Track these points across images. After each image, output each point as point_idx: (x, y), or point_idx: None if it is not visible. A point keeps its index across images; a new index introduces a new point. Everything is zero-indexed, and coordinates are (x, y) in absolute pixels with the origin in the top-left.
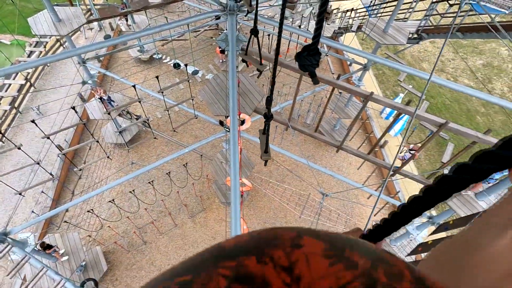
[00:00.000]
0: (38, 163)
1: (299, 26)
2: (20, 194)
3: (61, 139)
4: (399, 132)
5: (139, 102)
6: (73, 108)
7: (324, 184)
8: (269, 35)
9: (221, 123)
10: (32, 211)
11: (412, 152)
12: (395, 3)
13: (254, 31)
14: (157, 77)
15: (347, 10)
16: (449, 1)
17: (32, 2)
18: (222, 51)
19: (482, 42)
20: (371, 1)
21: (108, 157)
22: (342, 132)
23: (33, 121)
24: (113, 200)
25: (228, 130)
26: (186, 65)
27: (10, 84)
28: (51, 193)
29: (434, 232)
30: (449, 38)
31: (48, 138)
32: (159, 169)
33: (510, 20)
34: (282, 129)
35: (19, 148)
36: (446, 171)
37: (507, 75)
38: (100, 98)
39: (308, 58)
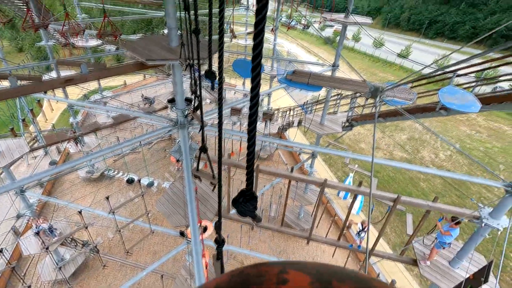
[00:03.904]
0: None
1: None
2: None
3: None
4: (360, 210)
5: (86, 228)
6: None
7: None
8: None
9: (182, 233)
10: None
11: (365, 230)
12: (323, 101)
13: (203, 149)
14: (107, 197)
15: (286, 110)
16: (366, 97)
17: None
18: (178, 160)
19: (400, 121)
20: (304, 102)
21: None
22: (308, 219)
23: None
24: None
25: (189, 240)
26: (139, 180)
27: None
28: None
29: None
30: (374, 123)
31: None
32: None
33: (412, 106)
34: (248, 228)
35: None
36: (416, 244)
37: (429, 144)
38: (37, 232)
39: (245, 205)
